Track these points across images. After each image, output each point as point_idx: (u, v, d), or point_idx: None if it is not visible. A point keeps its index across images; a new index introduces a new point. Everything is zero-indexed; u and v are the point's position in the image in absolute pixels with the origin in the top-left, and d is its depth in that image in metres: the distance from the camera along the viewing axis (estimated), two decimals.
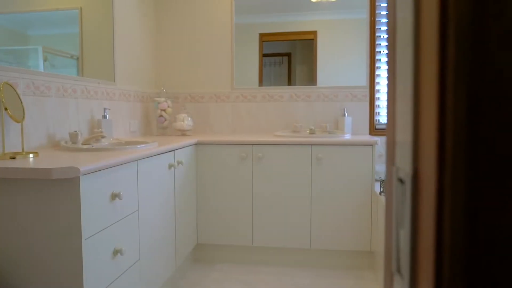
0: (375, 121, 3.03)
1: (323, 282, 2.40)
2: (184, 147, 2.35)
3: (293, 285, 2.37)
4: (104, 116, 2.25)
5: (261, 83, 3.12)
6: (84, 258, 1.31)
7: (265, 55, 3.15)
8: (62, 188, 1.28)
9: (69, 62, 2.19)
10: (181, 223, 2.32)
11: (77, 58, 2.20)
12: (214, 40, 3.14)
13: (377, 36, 2.99)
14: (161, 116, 2.92)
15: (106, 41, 2.45)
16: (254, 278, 2.46)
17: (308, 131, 2.82)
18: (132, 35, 2.77)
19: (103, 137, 2.02)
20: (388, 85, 0.46)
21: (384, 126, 3.02)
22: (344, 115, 2.93)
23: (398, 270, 0.40)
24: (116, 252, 1.53)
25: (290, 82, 3.13)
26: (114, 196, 1.50)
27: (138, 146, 1.87)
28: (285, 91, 3.07)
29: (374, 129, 3.02)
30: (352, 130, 2.94)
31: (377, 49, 2.99)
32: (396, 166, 0.42)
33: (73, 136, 1.88)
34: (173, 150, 2.18)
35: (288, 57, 3.18)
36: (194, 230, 2.61)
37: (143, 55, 2.97)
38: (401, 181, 0.39)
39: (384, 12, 2.98)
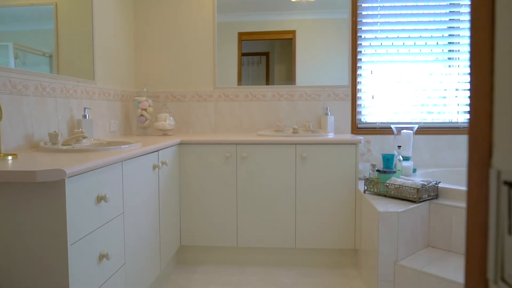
0: (357, 120, 3.06)
1: (308, 281, 2.40)
2: (167, 147, 2.30)
3: (278, 284, 2.36)
4: (85, 116, 2.17)
5: (240, 82, 3.10)
6: (70, 264, 1.26)
7: (243, 54, 3.13)
8: (46, 191, 1.22)
9: (42, 59, 2.09)
10: (165, 225, 2.27)
11: (50, 56, 2.11)
12: (196, 38, 3.09)
13: (359, 36, 3.02)
14: (141, 115, 2.85)
15: (85, 38, 2.37)
16: (239, 279, 2.44)
17: (291, 130, 2.82)
18: (112, 32, 2.69)
19: (84, 137, 1.95)
20: (472, 81, 0.42)
21: (366, 125, 3.06)
22: (326, 114, 2.95)
23: (502, 278, 0.38)
24: (102, 257, 1.48)
25: (268, 82, 3.12)
26: (100, 199, 1.45)
27: (122, 146, 1.81)
28: (268, 90, 3.06)
29: (356, 128, 3.05)
30: (334, 129, 2.96)
31: (358, 49, 3.02)
32: (496, 169, 0.39)
33: (53, 137, 1.81)
34: (157, 151, 2.13)
35: (266, 56, 3.17)
36: (177, 232, 2.56)
37: (123, 53, 2.89)
38: (509, 184, 0.37)
39: (365, 12, 3.01)
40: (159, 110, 3.00)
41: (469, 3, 0.43)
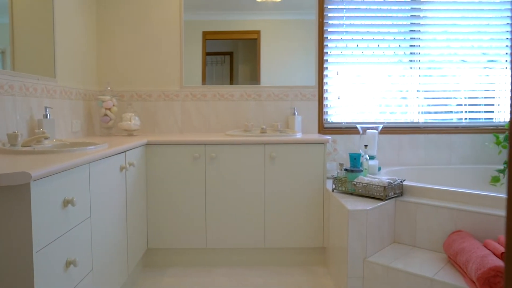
0: (323, 120, 3.11)
1: (278, 280, 2.41)
2: (134, 148, 2.23)
3: (248, 284, 2.36)
4: (45, 116, 2.06)
5: (204, 82, 3.06)
6: (35, 273, 1.19)
7: (207, 54, 3.10)
8: (9, 196, 1.14)
9: None
10: (132, 228, 2.21)
11: (2, 52, 1.99)
12: (162, 36, 3.02)
13: (325, 37, 3.07)
14: (105, 115, 2.75)
15: (45, 34, 2.25)
16: (208, 280, 2.41)
17: (259, 130, 2.82)
18: (73, 28, 2.57)
19: (46, 138, 1.85)
20: None
21: (332, 125, 3.12)
22: (294, 114, 2.98)
23: None
24: (68, 263, 1.40)
25: (232, 81, 3.10)
26: (67, 202, 1.38)
27: (88, 147, 1.73)
28: (236, 90, 3.04)
29: (323, 128, 3.10)
30: (302, 129, 2.99)
31: (324, 50, 3.07)
32: None
33: (12, 138, 1.70)
34: (124, 152, 2.06)
35: (230, 56, 3.15)
36: (144, 235, 2.49)
37: (85, 50, 2.78)
38: None
39: (331, 14, 3.07)
40: (124, 109, 2.91)
41: None
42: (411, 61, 3.14)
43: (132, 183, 2.21)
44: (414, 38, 3.12)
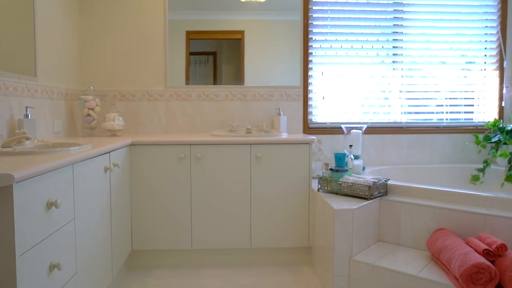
0: (308, 120, 3.13)
1: (264, 280, 2.41)
2: (118, 148, 2.20)
3: (235, 285, 2.35)
4: (26, 115, 2.01)
5: (187, 81, 3.04)
6: (18, 277, 1.15)
7: (190, 54, 3.07)
8: None
9: None
10: (116, 230, 2.17)
11: None
12: (146, 35, 2.98)
13: (310, 38, 3.09)
14: (88, 115, 2.70)
15: (25, 32, 2.19)
16: (195, 282, 2.39)
17: (244, 131, 2.81)
18: (55, 27, 2.51)
19: (27, 138, 1.80)
20: None
21: (317, 125, 3.13)
22: (279, 114, 2.98)
23: None
24: (52, 267, 1.37)
25: (215, 81, 3.09)
26: (50, 204, 1.35)
27: (71, 148, 1.70)
28: (221, 90, 3.03)
29: (307, 128, 3.11)
30: (287, 129, 3.00)
31: (309, 50, 3.09)
32: None
33: None
34: (109, 152, 2.02)
35: (213, 56, 3.14)
36: (128, 237, 2.46)
37: (67, 49, 2.72)
38: None
39: (316, 15, 3.09)
40: (107, 109, 2.86)
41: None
42: (393, 62, 3.19)
43: (117, 184, 2.17)
44: (397, 39, 3.17)
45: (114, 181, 2.12)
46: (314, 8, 3.08)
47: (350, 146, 2.68)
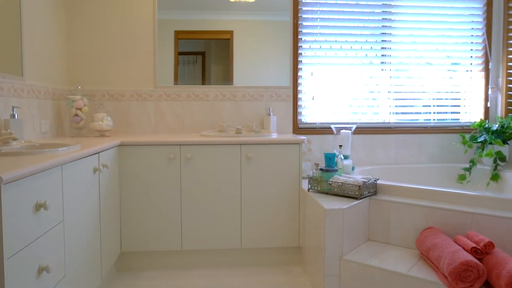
0: (298, 120, 3.14)
1: (254, 280, 2.41)
2: (108, 149, 2.17)
3: (225, 286, 2.34)
4: (13, 115, 1.97)
5: (176, 81, 3.02)
6: (6, 281, 1.13)
7: (179, 53, 3.06)
8: None
9: None
10: (105, 231, 2.15)
11: None
12: (135, 35, 2.95)
13: (299, 38, 3.10)
14: (76, 115, 2.66)
15: (11, 31, 2.14)
16: (185, 283, 2.38)
17: (234, 131, 2.81)
18: (42, 26, 2.47)
19: (14, 139, 1.77)
20: None
21: (307, 125, 3.14)
22: (269, 114, 2.99)
23: None
24: (41, 270, 1.35)
25: (204, 82, 3.08)
26: (39, 206, 1.32)
27: (60, 149, 1.67)
28: (210, 90, 3.02)
29: (297, 128, 3.12)
30: (276, 129, 3.01)
31: (299, 51, 3.10)
32: None
33: None
34: (98, 153, 2.00)
35: (202, 56, 3.13)
36: (118, 238, 2.43)
37: (54, 48, 2.67)
38: None
39: (306, 16, 3.10)
40: (95, 109, 2.82)
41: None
42: (382, 63, 3.22)
43: (106, 185, 2.15)
44: (385, 40, 3.20)
45: (103, 182, 2.09)
46: (303, 8, 3.09)
47: (340, 146, 2.69)
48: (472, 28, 3.25)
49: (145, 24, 2.96)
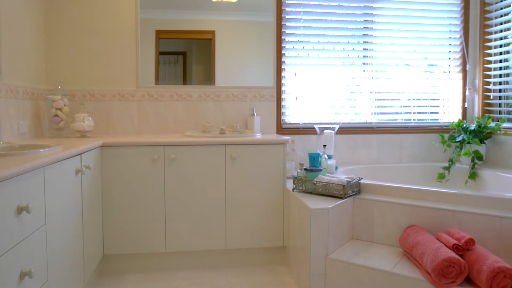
0: (281, 120, 3.15)
1: (240, 281, 2.41)
2: (90, 150, 2.13)
3: (210, 287, 2.33)
4: None
5: (157, 81, 2.99)
6: None
7: (160, 53, 3.02)
8: None
9: None
10: (88, 234, 2.10)
11: None
12: (116, 34, 2.90)
13: (283, 39, 3.11)
14: (56, 115, 2.60)
15: None
16: (169, 285, 2.35)
17: (218, 131, 2.79)
18: (20, 24, 2.40)
19: None
20: None
21: (290, 126, 3.16)
22: (253, 114, 2.99)
23: None
24: (23, 275, 1.31)
25: (185, 82, 3.06)
26: (21, 209, 1.29)
27: (41, 150, 1.63)
28: (194, 90, 3.00)
29: (281, 128, 3.13)
30: (260, 130, 3.01)
31: (282, 51, 3.11)
32: None
33: None
34: (80, 154, 1.96)
35: (183, 56, 3.11)
36: (100, 241, 2.38)
37: (33, 47, 2.60)
38: None
39: (289, 17, 3.11)
40: (76, 110, 2.76)
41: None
42: (364, 64, 3.27)
43: (88, 187, 2.10)
44: (367, 42, 3.25)
45: (85, 183, 2.05)
46: (287, 9, 3.11)
47: (324, 146, 2.72)
48: (450, 31, 3.33)
49: (127, 22, 2.91)
